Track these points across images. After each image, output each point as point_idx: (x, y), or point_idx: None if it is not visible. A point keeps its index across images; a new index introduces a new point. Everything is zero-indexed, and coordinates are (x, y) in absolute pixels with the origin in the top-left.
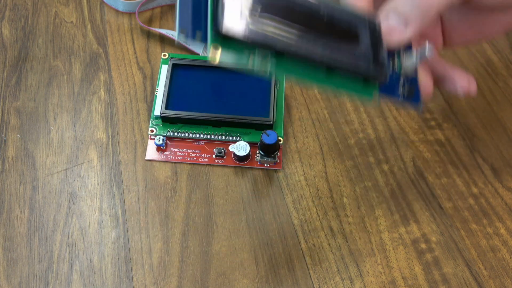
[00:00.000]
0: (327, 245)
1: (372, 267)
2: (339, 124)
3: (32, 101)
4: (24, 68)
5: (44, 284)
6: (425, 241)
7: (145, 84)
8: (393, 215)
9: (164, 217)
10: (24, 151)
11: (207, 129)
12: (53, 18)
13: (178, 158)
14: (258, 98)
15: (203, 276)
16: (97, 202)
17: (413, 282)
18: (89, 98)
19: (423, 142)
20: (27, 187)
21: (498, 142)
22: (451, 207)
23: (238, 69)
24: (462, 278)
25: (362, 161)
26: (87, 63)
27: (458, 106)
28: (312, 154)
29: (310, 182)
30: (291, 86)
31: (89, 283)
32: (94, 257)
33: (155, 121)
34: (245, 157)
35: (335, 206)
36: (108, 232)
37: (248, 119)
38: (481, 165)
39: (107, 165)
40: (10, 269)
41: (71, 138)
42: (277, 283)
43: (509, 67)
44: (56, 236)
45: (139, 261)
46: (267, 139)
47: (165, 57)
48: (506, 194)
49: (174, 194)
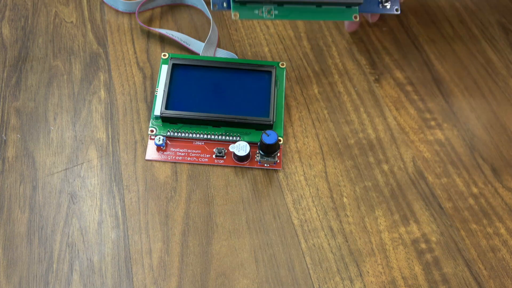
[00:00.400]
0: (327, 245)
1: (372, 267)
2: (339, 124)
3: (32, 101)
4: (24, 68)
5: (44, 284)
6: (425, 241)
7: (145, 84)
8: (393, 215)
9: (164, 217)
10: (24, 151)
11: (207, 129)
12: (53, 18)
13: (178, 158)
14: (258, 98)
15: (203, 276)
16: (97, 202)
17: (413, 282)
18: (89, 98)
19: (423, 142)
20: (27, 187)
21: (498, 142)
22: (451, 207)
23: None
24: (462, 278)
25: (362, 161)
26: (87, 63)
27: (458, 106)
28: (312, 154)
29: (310, 182)
30: (291, 86)
31: (89, 283)
32: (94, 257)
33: (155, 121)
34: (245, 157)
35: (335, 206)
36: (108, 232)
37: (248, 119)
38: (481, 165)
39: (107, 165)
40: (10, 269)
41: (71, 138)
42: (277, 283)
43: (509, 67)
44: (56, 236)
45: (139, 261)
46: (267, 139)
47: (165, 57)
48: (506, 194)
49: (174, 194)
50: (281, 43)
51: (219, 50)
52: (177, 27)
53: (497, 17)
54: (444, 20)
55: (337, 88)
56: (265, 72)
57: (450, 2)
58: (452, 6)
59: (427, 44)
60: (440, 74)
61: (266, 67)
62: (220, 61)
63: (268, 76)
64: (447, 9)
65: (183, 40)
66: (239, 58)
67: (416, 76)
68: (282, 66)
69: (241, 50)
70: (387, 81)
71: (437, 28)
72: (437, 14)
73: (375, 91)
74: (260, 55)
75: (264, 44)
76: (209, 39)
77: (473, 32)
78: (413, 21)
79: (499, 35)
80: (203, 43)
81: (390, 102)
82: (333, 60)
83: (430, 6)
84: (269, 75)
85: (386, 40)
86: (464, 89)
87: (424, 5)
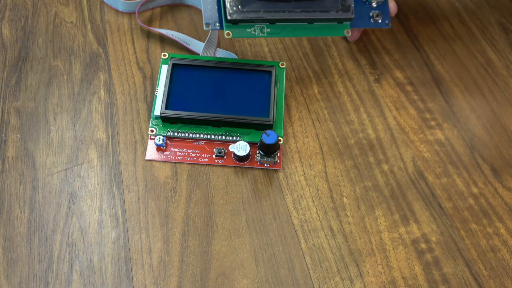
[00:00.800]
0: (327, 245)
1: (372, 267)
2: (339, 124)
3: (32, 101)
4: (24, 68)
5: (44, 284)
6: (425, 241)
7: (145, 84)
8: (393, 215)
9: (164, 217)
10: (24, 151)
11: (207, 129)
12: (53, 18)
13: (178, 158)
14: (258, 98)
15: (203, 276)
16: (97, 202)
17: (413, 282)
18: (89, 98)
19: (423, 142)
20: (27, 187)
21: (498, 142)
22: (451, 207)
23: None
24: (462, 278)
25: (362, 161)
26: (87, 63)
27: (458, 106)
28: (312, 154)
29: (310, 182)
30: (291, 86)
31: (89, 283)
32: (94, 257)
33: (155, 121)
34: (245, 157)
35: (335, 206)
36: (108, 232)
37: (248, 119)
38: (481, 165)
39: (107, 165)
40: (10, 269)
41: (71, 138)
42: (277, 283)
43: (509, 67)
44: (56, 236)
45: (139, 261)
46: (267, 139)
47: (165, 57)
48: (506, 194)
49: (174, 194)
50: (281, 43)
51: (219, 50)
52: (177, 27)
53: (497, 17)
54: (444, 20)
55: (337, 88)
56: (265, 72)
57: (450, 2)
58: (452, 6)
59: (427, 44)
60: (440, 74)
61: (266, 67)
62: (220, 61)
63: (268, 76)
64: (447, 9)
65: (183, 40)
66: (239, 58)
67: (416, 76)
68: (282, 66)
69: (241, 50)
70: (387, 81)
71: (437, 28)
72: (437, 14)
73: (375, 91)
74: (260, 55)
75: (264, 44)
76: (209, 39)
77: (473, 32)
78: (413, 21)
79: (499, 35)
80: (203, 43)
81: (390, 102)
82: (333, 60)
83: (430, 6)
84: (269, 75)
85: (386, 40)
86: (464, 89)
87: (424, 5)
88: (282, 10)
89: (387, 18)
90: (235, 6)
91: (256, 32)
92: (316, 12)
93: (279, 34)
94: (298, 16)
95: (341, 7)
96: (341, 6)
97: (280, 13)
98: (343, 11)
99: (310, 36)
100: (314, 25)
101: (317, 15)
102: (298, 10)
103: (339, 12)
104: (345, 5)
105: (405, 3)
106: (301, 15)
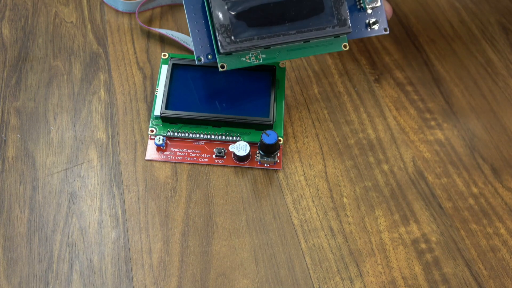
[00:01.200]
0: (327, 245)
1: (372, 267)
2: (339, 124)
3: (32, 101)
4: (24, 68)
5: (44, 284)
6: (425, 241)
7: (145, 84)
8: (393, 215)
9: (164, 217)
10: (24, 151)
11: (207, 129)
12: (53, 18)
13: (178, 158)
14: (258, 98)
15: (203, 276)
16: (97, 202)
17: (413, 282)
18: (89, 98)
19: (423, 142)
20: (27, 187)
21: (498, 142)
22: (451, 207)
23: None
24: (462, 278)
25: (362, 161)
26: (87, 63)
27: (458, 106)
28: (312, 154)
29: (310, 182)
30: (291, 86)
31: (89, 283)
32: (94, 257)
33: (155, 121)
34: (245, 157)
35: (335, 206)
36: (108, 232)
37: (248, 119)
38: (481, 165)
39: (107, 165)
40: (10, 269)
41: (71, 138)
42: (277, 283)
43: (509, 67)
44: (56, 236)
45: (139, 261)
46: (267, 139)
47: (165, 57)
48: (506, 194)
49: (174, 194)
50: None
51: None
52: (177, 27)
53: (497, 17)
54: (444, 20)
55: (337, 88)
56: (265, 72)
57: (450, 2)
58: (452, 6)
59: (427, 44)
60: (440, 74)
61: (266, 67)
62: None
63: (268, 76)
64: (447, 9)
65: (183, 40)
66: None
67: (416, 76)
68: (282, 66)
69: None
70: (387, 81)
71: (437, 28)
72: (437, 14)
73: (375, 91)
74: None
75: None
76: None
77: (473, 32)
78: (413, 21)
79: (499, 35)
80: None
81: (390, 102)
82: (333, 60)
83: (430, 6)
84: (269, 75)
85: (386, 40)
86: (464, 89)
87: (424, 5)
88: (277, 34)
89: (384, 23)
90: (228, 38)
91: (251, 60)
92: (312, 31)
93: (275, 58)
94: (294, 38)
95: (337, 22)
96: (337, 20)
97: (275, 38)
98: (339, 26)
99: (307, 55)
100: (310, 43)
101: (313, 34)
102: (293, 31)
103: (336, 27)
104: (341, 19)
105: (405, 3)
106: (296, 36)
